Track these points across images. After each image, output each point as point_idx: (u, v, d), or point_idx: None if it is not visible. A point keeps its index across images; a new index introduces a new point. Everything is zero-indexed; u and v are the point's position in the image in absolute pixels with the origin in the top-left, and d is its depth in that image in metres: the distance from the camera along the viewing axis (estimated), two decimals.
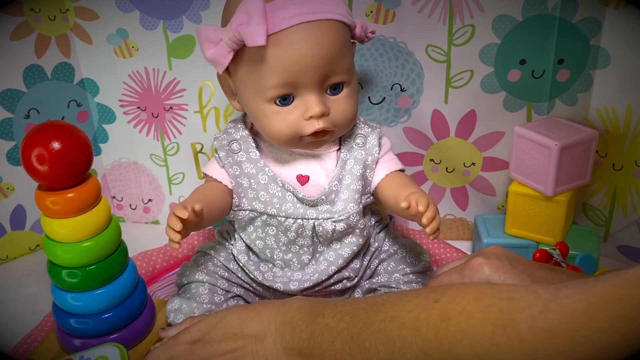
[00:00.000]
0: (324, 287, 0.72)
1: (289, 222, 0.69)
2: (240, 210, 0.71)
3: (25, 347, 0.71)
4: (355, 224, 0.70)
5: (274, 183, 0.69)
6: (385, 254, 0.75)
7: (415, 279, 0.72)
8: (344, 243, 0.71)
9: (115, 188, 0.99)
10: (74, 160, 0.59)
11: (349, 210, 0.69)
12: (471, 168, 0.88)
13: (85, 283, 0.64)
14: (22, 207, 0.89)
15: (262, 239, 0.72)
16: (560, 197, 0.78)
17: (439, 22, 0.78)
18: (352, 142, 0.71)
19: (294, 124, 0.64)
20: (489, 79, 0.81)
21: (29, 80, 0.85)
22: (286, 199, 0.69)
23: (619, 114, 0.81)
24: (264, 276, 0.72)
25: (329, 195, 0.69)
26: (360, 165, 0.70)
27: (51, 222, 0.62)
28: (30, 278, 0.86)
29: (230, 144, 0.71)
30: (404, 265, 0.73)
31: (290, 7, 0.60)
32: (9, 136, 0.85)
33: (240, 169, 0.70)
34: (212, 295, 0.71)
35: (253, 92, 0.65)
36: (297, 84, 0.63)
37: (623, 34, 0.76)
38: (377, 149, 0.71)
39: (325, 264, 0.71)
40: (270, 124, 0.65)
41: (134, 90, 0.90)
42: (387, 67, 0.82)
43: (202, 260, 0.74)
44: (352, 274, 0.72)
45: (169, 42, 0.85)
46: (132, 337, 0.69)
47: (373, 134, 0.72)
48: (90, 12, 0.86)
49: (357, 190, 0.69)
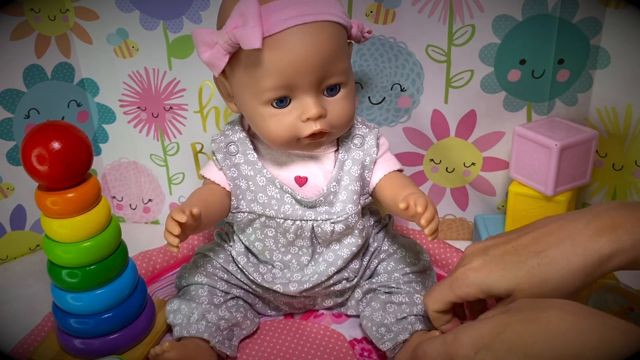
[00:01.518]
0: (323, 288, 0.72)
1: (287, 223, 0.69)
2: (239, 212, 0.71)
3: (25, 347, 0.71)
4: (354, 225, 0.70)
5: (272, 185, 0.69)
6: (384, 253, 0.75)
7: (414, 278, 0.72)
8: (343, 244, 0.71)
9: (115, 188, 0.99)
10: (74, 160, 0.59)
11: (348, 211, 0.69)
12: (471, 168, 0.88)
13: (85, 283, 0.64)
14: (22, 207, 0.89)
15: (261, 240, 0.72)
16: (560, 197, 0.78)
17: (439, 22, 0.78)
18: (350, 142, 0.71)
19: (291, 126, 0.64)
20: (489, 79, 0.81)
21: (29, 80, 0.85)
22: (284, 200, 0.69)
23: (619, 114, 0.81)
24: (263, 277, 0.72)
25: (328, 197, 0.69)
26: (359, 166, 0.70)
27: (51, 222, 0.62)
28: (30, 278, 0.86)
29: (227, 146, 0.71)
30: (403, 265, 0.73)
31: (285, 9, 0.60)
32: (9, 136, 0.85)
33: (238, 171, 0.70)
34: (211, 297, 0.71)
35: (249, 94, 0.65)
36: (294, 86, 0.62)
37: (623, 34, 0.76)
38: (375, 149, 0.71)
39: (324, 265, 0.71)
40: (267, 126, 0.65)
41: (134, 90, 0.90)
42: (387, 67, 0.82)
43: (201, 262, 0.74)
44: (352, 275, 0.72)
45: (169, 42, 0.85)
46: (132, 337, 0.69)
47: (371, 134, 0.72)
48: (90, 12, 0.86)
49: (356, 191, 0.69)
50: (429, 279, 0.73)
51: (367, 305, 0.71)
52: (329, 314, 0.76)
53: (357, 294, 0.74)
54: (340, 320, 0.75)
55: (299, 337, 0.72)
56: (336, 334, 0.73)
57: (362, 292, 0.73)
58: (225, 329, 0.69)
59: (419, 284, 0.72)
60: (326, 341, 0.71)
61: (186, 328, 0.67)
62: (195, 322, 0.67)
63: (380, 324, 0.68)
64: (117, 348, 0.68)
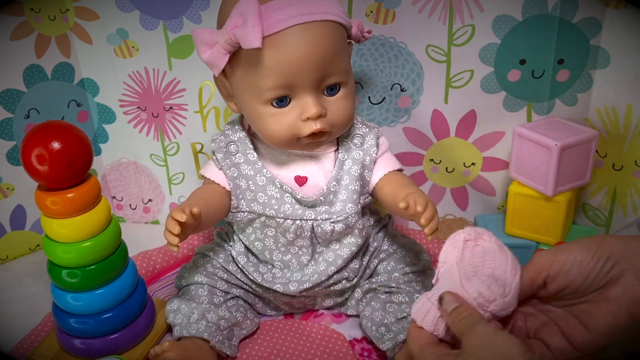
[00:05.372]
0: (323, 288, 0.72)
1: (287, 223, 0.69)
2: (239, 212, 0.71)
3: (25, 347, 0.71)
4: (354, 225, 0.70)
5: (272, 184, 0.69)
6: (384, 253, 0.75)
7: (415, 278, 0.72)
8: (342, 243, 0.71)
9: (115, 188, 0.99)
10: (74, 160, 0.59)
11: (348, 211, 0.69)
12: (471, 168, 0.88)
13: (85, 283, 0.64)
14: (22, 207, 0.89)
15: (261, 240, 0.72)
16: (560, 197, 0.78)
17: (439, 22, 0.78)
18: (350, 142, 0.71)
19: (291, 126, 0.64)
20: (489, 79, 0.81)
21: (29, 80, 0.85)
22: (284, 200, 0.69)
23: (619, 114, 0.81)
24: (263, 277, 0.72)
25: (327, 196, 0.69)
26: (359, 165, 0.70)
27: (51, 222, 0.62)
28: (30, 278, 0.86)
29: (227, 146, 0.71)
30: (403, 265, 0.73)
31: (285, 9, 0.60)
32: (9, 136, 0.85)
33: (238, 171, 0.70)
34: (211, 297, 0.71)
35: (249, 94, 0.65)
36: (294, 85, 0.63)
37: (623, 34, 0.76)
38: (375, 149, 0.71)
39: (324, 265, 0.71)
40: (267, 125, 0.65)
41: (134, 90, 0.90)
42: (387, 67, 0.82)
43: (201, 262, 0.74)
44: (351, 275, 0.72)
45: (169, 42, 0.85)
46: (132, 337, 0.69)
47: (371, 133, 0.72)
48: (90, 12, 0.86)
49: (356, 191, 0.69)
50: (429, 279, 0.73)
51: (367, 305, 0.71)
52: (329, 314, 0.76)
53: (357, 293, 0.74)
54: (340, 320, 0.75)
55: (299, 337, 0.72)
56: (336, 333, 0.73)
57: (362, 292, 0.73)
58: (225, 329, 0.69)
59: (419, 283, 0.72)
60: (326, 341, 0.71)
61: (186, 328, 0.67)
62: (195, 321, 0.67)
63: (380, 323, 0.68)
64: (117, 348, 0.68)
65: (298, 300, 0.74)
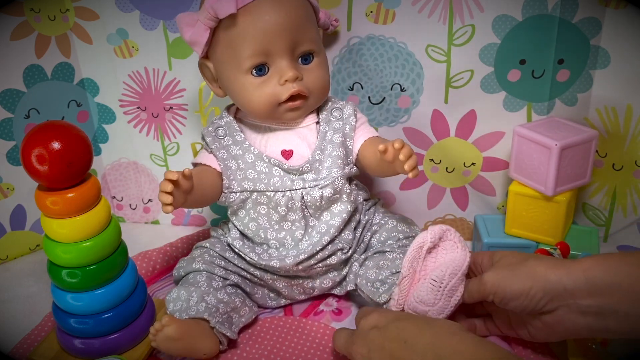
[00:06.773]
0: (319, 260, 0.72)
1: (278, 196, 0.72)
2: (231, 192, 0.73)
3: (25, 347, 0.71)
4: (341, 189, 0.73)
5: (260, 160, 0.73)
6: (376, 225, 0.78)
7: (408, 243, 0.73)
8: (333, 212, 0.74)
9: (115, 188, 0.99)
10: (74, 160, 0.59)
11: (334, 175, 0.72)
12: (471, 168, 0.88)
13: (85, 283, 0.64)
14: (22, 207, 0.89)
15: (254, 219, 0.74)
16: (560, 197, 0.78)
17: (439, 22, 0.78)
18: (330, 115, 0.76)
19: (271, 92, 0.70)
20: (489, 79, 0.81)
21: (29, 80, 0.85)
22: (273, 173, 0.72)
23: (619, 114, 0.81)
24: (260, 257, 0.73)
25: (313, 164, 0.73)
26: (340, 134, 0.74)
27: (51, 222, 0.62)
28: (30, 278, 0.86)
29: (216, 130, 0.75)
30: (396, 233, 0.76)
31: None
32: (9, 136, 0.85)
33: (227, 152, 0.74)
34: (209, 282, 0.71)
35: (231, 67, 0.70)
36: (270, 51, 0.68)
37: (623, 34, 0.76)
38: (354, 117, 0.75)
39: (317, 237, 0.73)
40: (249, 95, 0.70)
41: (134, 90, 0.90)
42: (387, 67, 0.82)
43: (198, 252, 0.76)
44: (345, 245, 0.74)
45: (169, 42, 0.85)
46: (132, 337, 0.69)
47: (347, 105, 0.76)
48: (90, 12, 0.86)
49: (339, 156, 0.73)
50: None
51: (362, 266, 0.73)
52: (329, 312, 0.76)
53: (355, 267, 0.75)
54: (341, 317, 0.76)
55: (299, 335, 0.72)
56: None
57: (359, 264, 0.75)
58: (224, 313, 0.69)
59: None
60: (326, 340, 0.71)
61: (186, 311, 0.68)
62: (195, 304, 0.68)
63: (375, 279, 0.70)
64: (117, 348, 0.68)
65: (297, 283, 0.75)
